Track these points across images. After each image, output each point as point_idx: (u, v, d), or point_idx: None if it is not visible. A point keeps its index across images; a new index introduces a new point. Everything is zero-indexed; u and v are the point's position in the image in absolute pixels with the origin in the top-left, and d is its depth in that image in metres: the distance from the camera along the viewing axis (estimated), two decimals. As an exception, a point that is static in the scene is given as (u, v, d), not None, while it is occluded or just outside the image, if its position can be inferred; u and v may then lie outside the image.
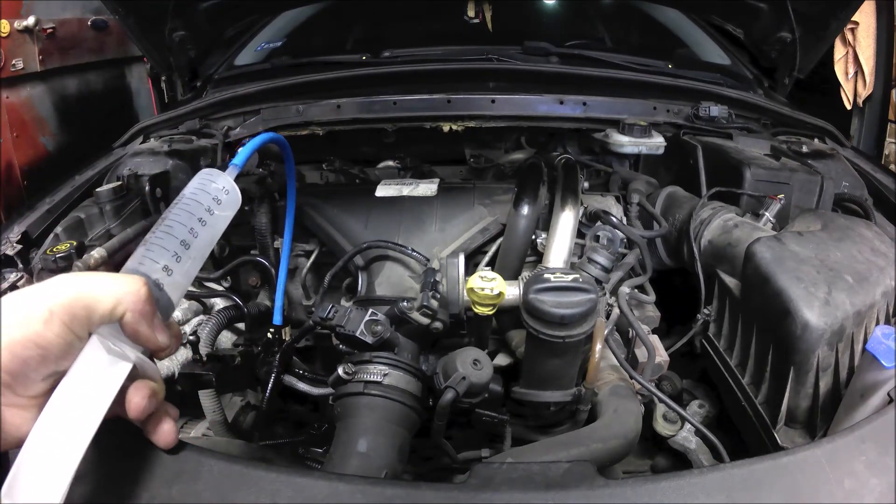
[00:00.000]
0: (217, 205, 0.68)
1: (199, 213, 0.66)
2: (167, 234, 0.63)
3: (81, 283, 0.52)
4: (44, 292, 0.50)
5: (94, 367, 0.52)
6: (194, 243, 0.64)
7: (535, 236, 1.17)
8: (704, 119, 1.54)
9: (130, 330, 0.55)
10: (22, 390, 0.50)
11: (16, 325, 0.48)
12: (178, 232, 0.63)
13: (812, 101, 2.04)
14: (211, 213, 0.67)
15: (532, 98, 1.55)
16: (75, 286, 0.51)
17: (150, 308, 0.55)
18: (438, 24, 2.22)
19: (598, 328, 0.90)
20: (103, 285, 0.53)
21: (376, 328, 0.87)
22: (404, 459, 0.84)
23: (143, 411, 0.56)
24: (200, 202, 0.67)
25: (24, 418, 0.50)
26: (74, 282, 0.52)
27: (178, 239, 0.63)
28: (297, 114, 1.55)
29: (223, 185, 0.69)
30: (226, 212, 0.69)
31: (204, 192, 0.68)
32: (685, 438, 1.02)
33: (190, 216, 0.65)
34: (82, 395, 0.51)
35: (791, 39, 1.71)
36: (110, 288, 0.53)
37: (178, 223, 0.64)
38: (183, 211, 0.65)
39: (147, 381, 0.57)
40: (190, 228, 0.64)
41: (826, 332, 0.85)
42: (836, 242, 1.00)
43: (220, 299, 1.22)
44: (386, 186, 1.32)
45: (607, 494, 0.62)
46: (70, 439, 0.50)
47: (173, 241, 0.62)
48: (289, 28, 2.25)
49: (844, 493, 0.62)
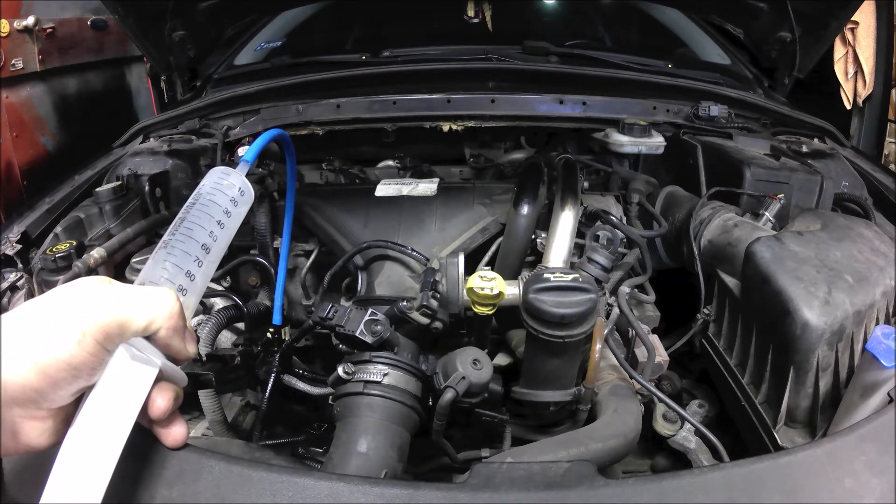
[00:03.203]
0: (234, 206, 0.67)
1: (218, 216, 0.65)
2: (189, 237, 0.62)
3: (115, 301, 0.51)
4: (77, 313, 0.49)
5: (123, 375, 0.52)
6: (214, 247, 0.64)
7: (535, 236, 1.17)
8: (704, 119, 1.54)
9: (163, 344, 0.55)
10: (46, 405, 0.49)
11: (48, 346, 0.47)
12: (199, 235, 0.62)
13: (812, 101, 2.04)
14: (229, 215, 0.66)
15: (532, 98, 1.55)
16: (109, 305, 0.50)
17: (182, 322, 0.56)
18: (438, 24, 2.22)
19: (598, 328, 0.90)
20: (137, 302, 0.52)
21: (376, 328, 0.87)
22: (404, 459, 0.84)
23: (165, 413, 0.56)
24: (219, 203, 0.66)
25: (40, 429, 0.50)
26: (108, 300, 0.51)
27: (200, 243, 0.62)
28: (297, 113, 1.55)
29: (238, 185, 0.69)
30: (241, 209, 0.69)
31: (221, 193, 0.67)
32: (685, 438, 1.02)
33: (209, 219, 0.64)
34: (114, 402, 0.51)
35: (791, 39, 1.71)
36: (144, 305, 0.52)
37: (199, 226, 0.63)
38: (202, 213, 0.64)
39: (170, 384, 0.57)
40: (210, 231, 0.63)
41: (826, 331, 0.85)
42: (836, 242, 1.00)
43: (220, 299, 1.22)
44: (386, 186, 1.32)
45: (607, 494, 0.62)
46: (105, 443, 0.50)
47: (195, 245, 0.62)
48: (288, 28, 2.25)
49: (844, 493, 0.62)
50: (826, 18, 1.60)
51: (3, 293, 1.03)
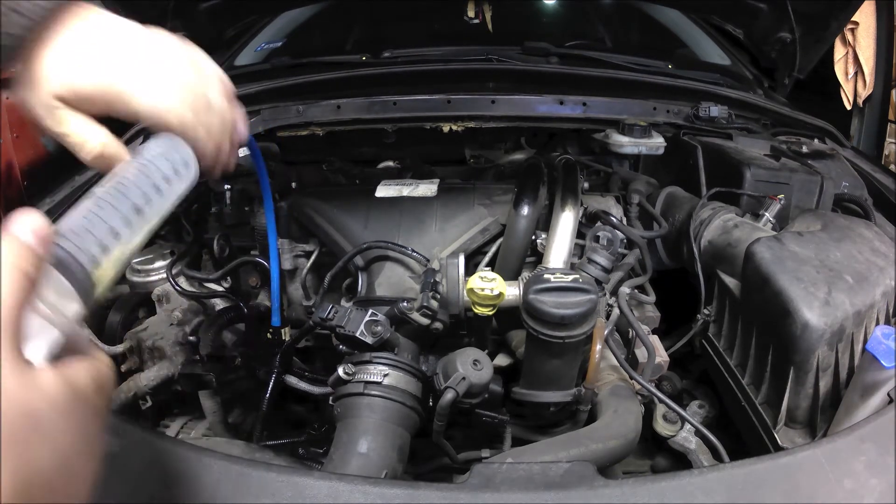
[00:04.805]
0: (175, 175, 0.61)
1: (156, 179, 0.58)
2: (121, 193, 0.54)
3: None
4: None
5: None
6: (147, 210, 0.56)
7: (535, 236, 1.17)
8: (704, 119, 1.54)
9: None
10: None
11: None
12: (132, 194, 0.55)
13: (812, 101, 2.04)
14: (168, 182, 0.59)
15: (532, 98, 1.55)
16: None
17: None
18: (438, 25, 2.22)
19: (598, 328, 0.90)
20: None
21: (376, 328, 0.87)
22: (404, 460, 0.84)
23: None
24: (160, 167, 0.59)
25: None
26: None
27: (131, 202, 0.54)
28: (297, 114, 1.55)
29: (184, 156, 0.63)
30: (183, 184, 0.62)
31: (164, 159, 0.60)
32: (685, 439, 1.02)
33: (146, 180, 0.57)
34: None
35: (791, 39, 1.71)
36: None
37: (134, 185, 0.56)
38: (140, 173, 0.57)
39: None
40: (144, 192, 0.56)
41: (826, 332, 0.85)
42: (836, 242, 1.00)
43: (220, 300, 1.22)
44: (386, 187, 1.32)
45: (607, 494, 0.62)
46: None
47: (126, 203, 0.54)
48: (289, 28, 2.25)
49: (844, 493, 0.62)
50: (826, 19, 1.60)
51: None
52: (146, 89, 0.57)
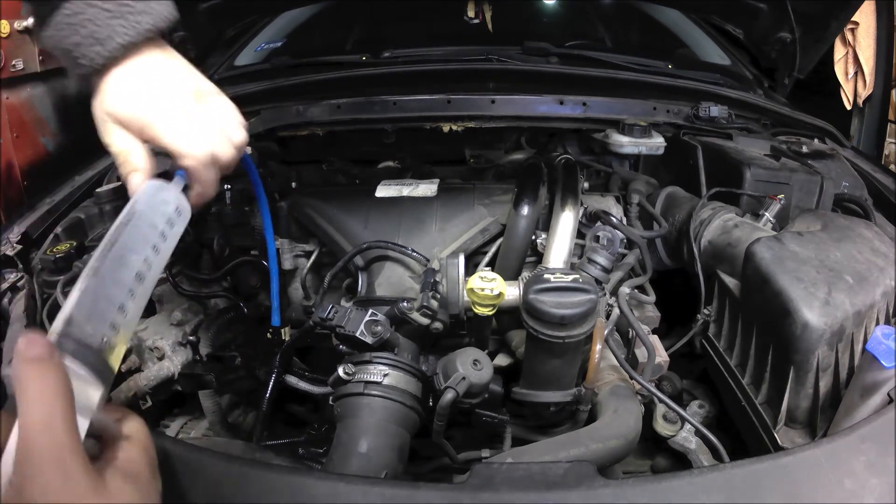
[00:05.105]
0: (170, 227, 0.61)
1: (153, 239, 0.58)
2: (121, 265, 0.53)
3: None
4: None
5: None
6: (148, 275, 0.56)
7: (535, 236, 1.17)
8: (704, 119, 1.54)
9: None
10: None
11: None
12: (133, 262, 0.54)
13: (812, 101, 2.04)
14: (164, 239, 0.59)
15: (532, 98, 1.55)
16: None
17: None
18: (438, 25, 2.22)
19: (598, 328, 0.90)
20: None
21: (376, 328, 0.87)
22: (404, 460, 0.84)
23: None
24: (155, 225, 0.59)
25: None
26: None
27: (134, 271, 0.54)
28: (297, 114, 1.55)
29: (174, 203, 0.63)
30: (177, 230, 0.63)
31: (156, 213, 0.60)
32: (685, 439, 1.02)
33: (144, 243, 0.56)
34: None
35: (791, 40, 1.71)
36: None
37: (132, 251, 0.55)
38: (136, 236, 0.56)
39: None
40: (144, 258, 0.56)
41: (826, 332, 0.85)
42: (836, 242, 1.00)
43: (220, 300, 1.22)
44: (386, 187, 1.32)
45: (607, 494, 0.62)
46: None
47: (128, 274, 0.53)
48: (289, 28, 2.25)
49: (844, 494, 0.62)
50: (826, 19, 1.60)
51: (3, 294, 1.03)
52: (171, 129, 0.65)
